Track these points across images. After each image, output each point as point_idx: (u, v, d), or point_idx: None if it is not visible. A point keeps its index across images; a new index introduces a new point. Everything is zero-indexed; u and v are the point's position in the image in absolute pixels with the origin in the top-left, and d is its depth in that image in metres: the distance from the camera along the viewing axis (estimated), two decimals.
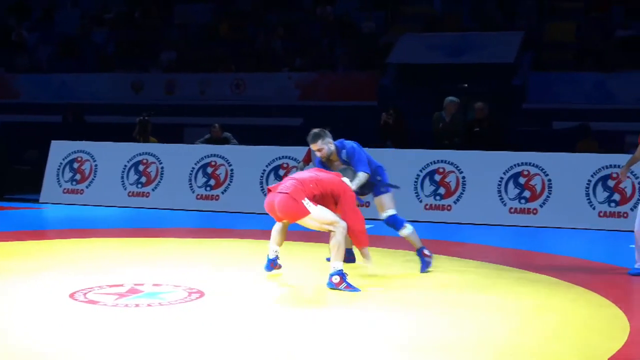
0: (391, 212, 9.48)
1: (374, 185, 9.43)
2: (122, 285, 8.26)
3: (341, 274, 8.25)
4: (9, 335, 6.48)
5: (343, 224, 8.42)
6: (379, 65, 21.62)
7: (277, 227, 8.96)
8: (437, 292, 8.31)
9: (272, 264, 8.98)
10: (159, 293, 7.97)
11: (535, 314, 7.52)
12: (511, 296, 8.24)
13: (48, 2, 27.81)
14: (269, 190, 8.76)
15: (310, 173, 8.79)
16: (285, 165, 14.98)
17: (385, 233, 12.68)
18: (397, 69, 21.63)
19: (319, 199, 8.51)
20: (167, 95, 22.36)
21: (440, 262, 10.04)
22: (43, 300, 7.69)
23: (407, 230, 9.49)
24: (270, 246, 8.98)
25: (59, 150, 16.47)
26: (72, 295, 7.74)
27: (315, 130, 9.27)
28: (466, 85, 20.06)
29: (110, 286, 8.20)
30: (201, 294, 7.94)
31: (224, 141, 16.44)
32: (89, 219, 14.24)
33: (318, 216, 8.39)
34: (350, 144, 9.38)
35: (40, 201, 16.04)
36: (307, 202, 8.36)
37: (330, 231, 8.40)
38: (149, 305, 7.48)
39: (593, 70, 21.03)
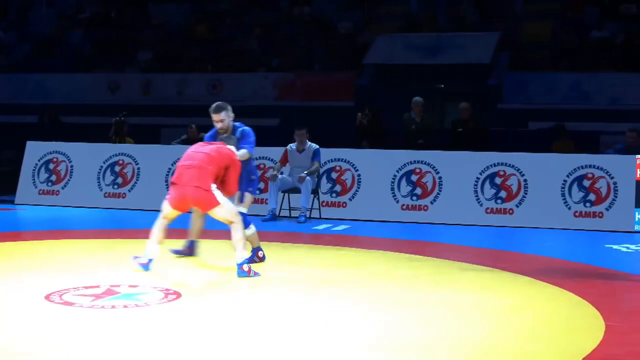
0: (243, 210, 9.58)
1: (248, 181, 9.74)
2: (98, 286, 8.21)
3: (248, 262, 8.82)
4: None
5: (240, 217, 8.86)
6: (356, 66, 21.65)
7: (158, 226, 9.09)
8: (412, 292, 8.31)
9: (147, 263, 9.01)
10: (136, 294, 7.93)
11: (511, 313, 7.53)
12: (488, 296, 8.25)
13: (23, 2, 27.67)
14: (173, 183, 8.91)
15: (202, 153, 8.96)
16: (262, 166, 14.96)
17: (362, 234, 12.73)
18: (374, 69, 21.67)
19: (219, 177, 8.89)
20: (144, 96, 22.30)
21: (416, 262, 10.07)
22: (18, 302, 7.64)
23: (250, 230, 9.56)
24: (152, 246, 9.03)
25: (35, 151, 16.39)
26: (47, 297, 7.68)
27: (220, 102, 9.83)
28: (443, 85, 20.13)
29: (87, 287, 8.15)
30: (178, 295, 7.90)
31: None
32: (65, 220, 14.18)
33: (226, 208, 8.77)
34: (248, 127, 9.87)
35: (15, 202, 15.96)
36: (216, 191, 8.74)
37: (230, 223, 8.77)
38: (125, 306, 7.44)
39: (569, 70, 21.15)
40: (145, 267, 8.99)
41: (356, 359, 6.01)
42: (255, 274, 8.77)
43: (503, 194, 13.96)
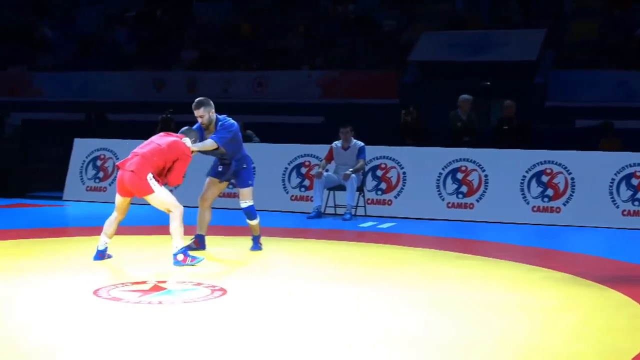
0: (250, 202, 10.28)
1: (238, 175, 10.20)
2: (145, 282, 8.28)
3: (184, 252, 9.13)
4: (34, 331, 6.51)
5: (180, 208, 9.11)
6: (400, 63, 21.59)
7: (110, 219, 9.48)
8: (457, 291, 8.28)
9: (101, 255, 9.46)
10: (182, 291, 7.99)
11: (557, 312, 7.46)
12: (533, 295, 8.20)
13: (69, 1, 27.93)
14: (118, 167, 9.38)
15: (155, 142, 9.36)
16: (307, 164, 14.99)
17: (408, 231, 12.70)
18: (418, 67, 21.61)
19: (162, 171, 9.21)
20: (189, 93, 22.39)
21: (462, 261, 10.03)
22: (67, 297, 7.72)
23: (256, 220, 10.37)
24: (102, 238, 9.46)
25: (82, 148, 16.54)
26: (95, 292, 7.76)
27: (201, 98, 10.14)
28: (488, 83, 20.01)
29: (134, 283, 8.23)
30: (224, 291, 7.94)
31: (246, 139, 16.43)
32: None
33: (159, 197, 9.09)
34: (231, 121, 10.14)
35: (63, 198, 16.11)
36: (151, 180, 9.04)
37: (168, 212, 9.14)
38: (172, 302, 7.49)
39: (615, 68, 20.94)
40: (96, 257, 9.42)
41: (397, 356, 6.00)
42: (194, 259, 9.15)
43: (550, 192, 13.85)
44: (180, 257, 9.07)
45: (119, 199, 9.37)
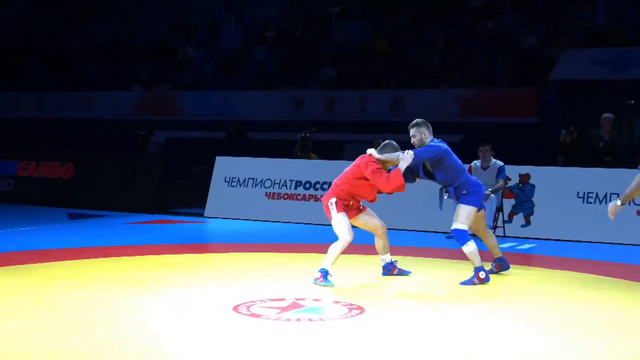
0: (460, 226, 9.62)
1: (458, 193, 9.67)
2: (283, 299, 8.37)
3: (324, 272, 9.27)
4: (172, 345, 6.65)
5: (348, 238, 9.38)
6: (540, 81, 21.28)
7: (376, 239, 9.97)
8: (594, 313, 8.09)
9: (386, 269, 10.03)
10: (320, 308, 8.04)
11: None
12: None
13: (213, 21, 28.52)
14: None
15: (345, 171, 9.72)
16: None
17: (545, 253, 12.47)
18: (558, 85, 21.25)
19: (352, 193, 9.59)
20: (327, 112, 22.57)
21: (602, 284, 9.81)
22: (207, 312, 7.87)
23: (469, 247, 9.61)
24: (382, 257, 10.03)
25: (223, 165, 16.86)
26: (235, 308, 7.89)
27: (418, 119, 9.83)
28: (632, 101, 19.52)
29: (273, 300, 8.33)
30: (361, 310, 7.96)
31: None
32: (252, 234, 14.49)
33: (335, 223, 9.50)
34: (440, 145, 9.63)
35: (205, 215, 16.44)
36: (332, 206, 9.50)
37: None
38: (310, 320, 7.55)
39: None
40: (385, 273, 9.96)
41: None
42: (324, 281, 9.24)
43: None
44: (318, 275, 9.27)
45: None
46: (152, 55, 27.50)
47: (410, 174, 9.75)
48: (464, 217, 9.60)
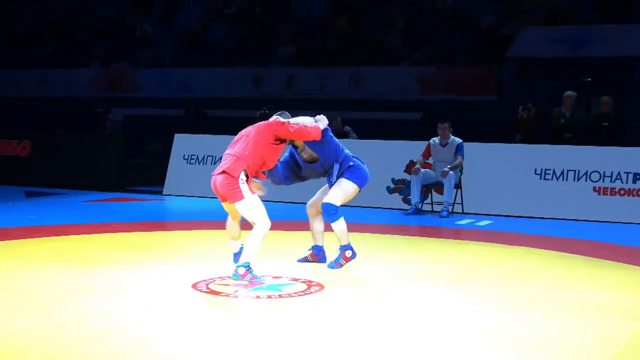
0: (334, 202, 8.92)
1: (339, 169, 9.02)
2: None
3: (247, 267, 8.08)
4: (131, 323, 6.62)
5: (269, 223, 8.22)
6: (498, 59, 21.35)
7: (229, 224, 8.78)
8: (553, 291, 8.15)
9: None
10: (279, 285, 8.04)
11: None
12: (630, 296, 8.01)
13: None
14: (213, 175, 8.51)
15: (242, 136, 8.57)
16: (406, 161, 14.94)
17: (503, 229, 12.56)
18: (516, 63, 21.33)
19: (263, 164, 8.43)
20: (287, 90, 22.50)
21: (560, 260, 9.89)
22: (167, 290, 7.84)
23: (339, 224, 8.97)
24: (232, 244, 8.82)
25: (182, 143, 16.78)
26: (194, 286, 7.87)
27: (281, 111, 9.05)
28: (589, 79, 19.66)
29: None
30: (321, 287, 7.97)
31: (344, 135, 16.50)
32: (211, 211, 14.45)
33: (249, 205, 8.18)
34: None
35: (163, 193, 16.37)
36: (244, 185, 8.17)
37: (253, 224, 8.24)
38: (269, 297, 7.55)
39: None
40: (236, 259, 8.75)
41: (497, 357, 5.93)
42: (254, 278, 8.11)
43: None
44: (242, 270, 8.12)
45: (222, 203, 8.72)
46: (110, 32, 27.24)
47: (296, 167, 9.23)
48: (341, 193, 8.97)
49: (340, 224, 8.96)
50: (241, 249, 8.55)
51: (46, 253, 9.70)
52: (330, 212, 8.93)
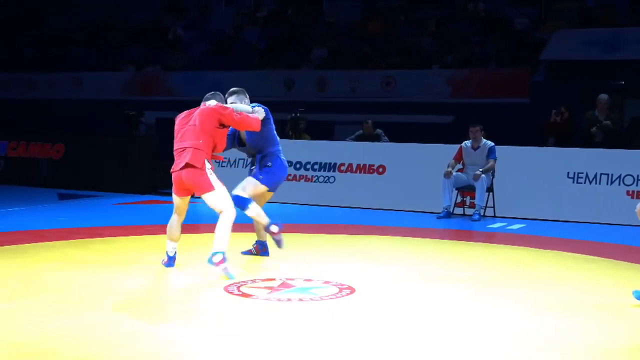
0: (242, 194, 9.39)
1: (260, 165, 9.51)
2: (274, 279, 8.38)
3: (223, 255, 8.31)
4: (167, 327, 6.64)
5: (234, 211, 8.53)
6: (531, 62, 21.26)
7: (172, 223, 9.02)
8: (585, 294, 8.10)
9: (173, 261, 9.02)
10: (310, 288, 8.04)
11: None
12: None
13: (203, 1, 28.41)
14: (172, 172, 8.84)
15: (189, 126, 8.79)
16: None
17: (535, 233, 12.50)
18: (550, 66, 21.23)
19: (213, 148, 8.70)
20: (319, 92, 22.51)
21: (591, 264, 9.82)
22: (198, 293, 7.87)
23: (252, 210, 9.38)
24: (169, 244, 8.98)
25: None
26: (226, 289, 7.89)
27: (235, 88, 9.49)
28: (622, 82, 19.53)
29: (263, 280, 8.33)
30: (352, 290, 7.97)
31: (376, 138, 16.50)
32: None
33: (218, 194, 8.55)
34: (265, 109, 9.32)
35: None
36: (212, 174, 8.52)
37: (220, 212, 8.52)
38: (300, 300, 7.55)
39: None
40: (169, 264, 8.98)
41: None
42: (226, 271, 8.35)
43: None
44: (218, 258, 8.33)
45: (177, 199, 9.08)
46: (143, 36, 27.38)
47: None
48: (250, 189, 9.44)
49: (252, 209, 9.34)
50: (174, 255, 8.90)
51: (79, 255, 9.76)
52: (240, 202, 9.27)
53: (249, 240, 10.08)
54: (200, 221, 12.89)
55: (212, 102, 8.95)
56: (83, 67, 26.18)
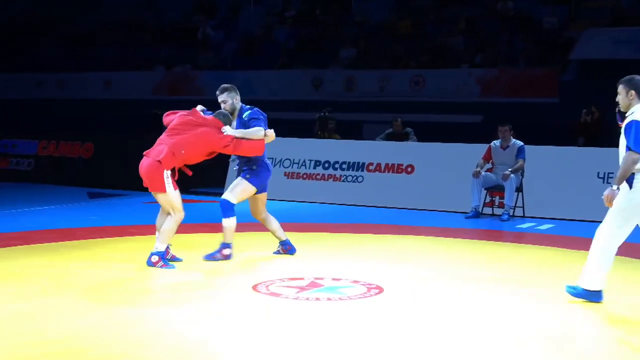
0: (230, 198, 9.53)
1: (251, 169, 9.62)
2: (302, 278, 8.40)
3: (160, 255, 8.80)
4: (195, 326, 6.67)
5: (182, 214, 8.95)
6: (561, 61, 21.16)
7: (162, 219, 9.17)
8: (611, 294, 8.06)
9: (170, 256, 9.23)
10: (339, 287, 8.05)
11: None
12: None
13: (233, 1, 28.47)
14: (145, 155, 9.19)
15: (184, 129, 9.23)
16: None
17: (565, 233, 12.44)
18: (579, 65, 21.12)
19: (187, 159, 9.13)
20: (347, 92, 22.50)
21: (623, 264, 9.77)
22: (227, 292, 7.90)
23: (229, 222, 9.52)
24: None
25: None
26: (254, 288, 7.91)
27: (226, 85, 9.80)
28: None
29: (291, 279, 8.35)
30: (380, 289, 7.97)
31: (405, 136, 16.48)
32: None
33: (171, 195, 8.89)
34: (259, 111, 9.67)
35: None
36: (168, 179, 8.86)
37: (168, 214, 8.94)
38: (329, 299, 7.56)
39: None
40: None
41: (550, 357, 5.90)
42: (165, 265, 8.82)
43: None
44: (155, 258, 8.84)
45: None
46: (173, 35, 27.49)
47: None
48: (238, 191, 9.55)
49: (230, 222, 9.49)
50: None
51: (109, 254, 9.82)
52: (225, 208, 9.48)
53: (269, 239, 10.08)
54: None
55: (227, 128, 9.36)
56: (113, 67, 26.30)
